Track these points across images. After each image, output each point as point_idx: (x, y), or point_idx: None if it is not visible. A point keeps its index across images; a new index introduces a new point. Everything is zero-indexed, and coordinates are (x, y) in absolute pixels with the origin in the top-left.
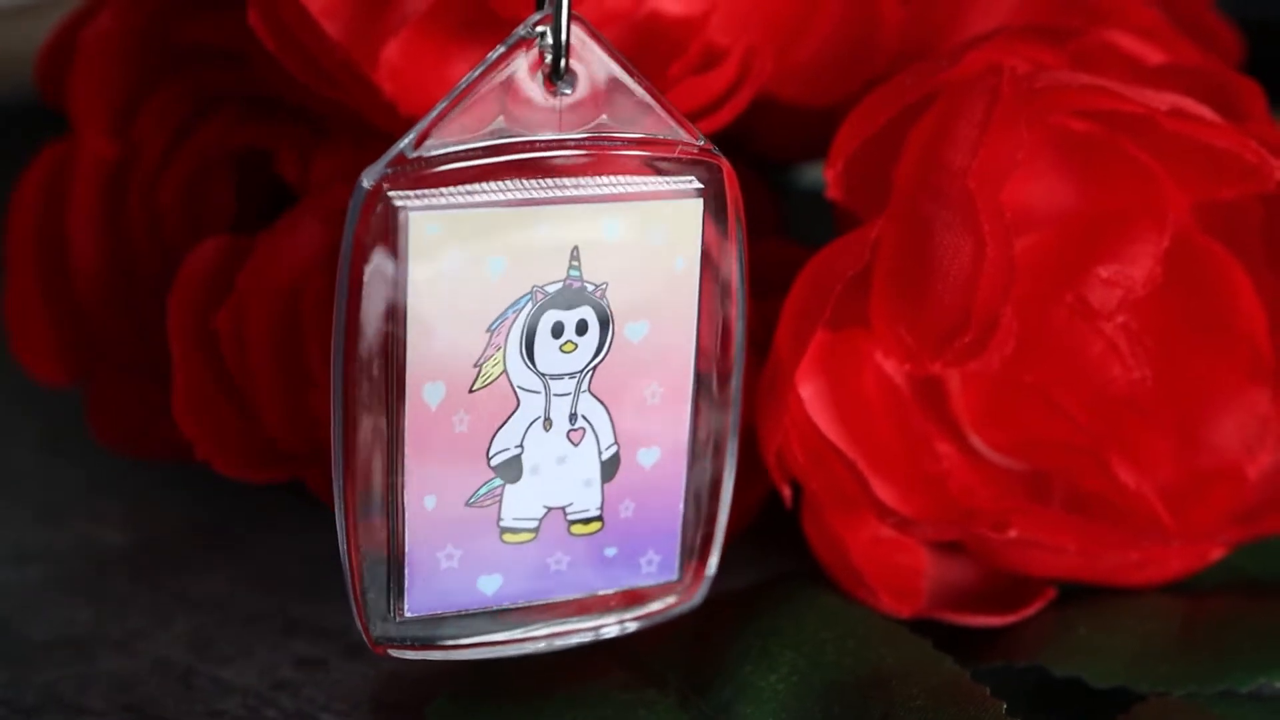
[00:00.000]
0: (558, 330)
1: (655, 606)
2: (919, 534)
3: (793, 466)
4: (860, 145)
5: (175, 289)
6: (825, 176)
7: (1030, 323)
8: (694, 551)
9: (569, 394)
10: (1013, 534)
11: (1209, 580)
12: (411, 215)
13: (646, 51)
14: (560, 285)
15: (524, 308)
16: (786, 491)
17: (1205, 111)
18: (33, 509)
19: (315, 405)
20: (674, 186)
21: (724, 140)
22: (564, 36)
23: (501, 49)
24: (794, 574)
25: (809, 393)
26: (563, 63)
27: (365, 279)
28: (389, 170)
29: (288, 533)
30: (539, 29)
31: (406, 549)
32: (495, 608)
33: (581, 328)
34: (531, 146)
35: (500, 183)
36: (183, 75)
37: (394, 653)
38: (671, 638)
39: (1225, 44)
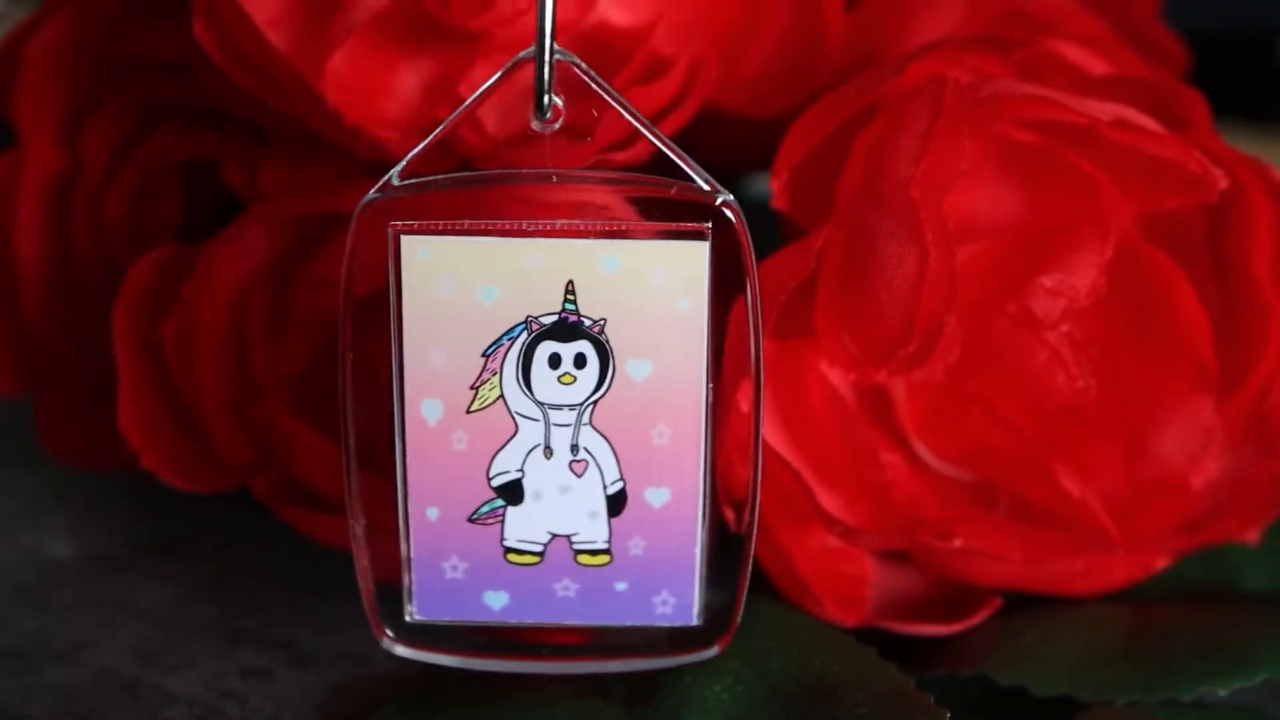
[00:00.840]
0: (555, 361)
1: (679, 660)
2: (864, 543)
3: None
4: (805, 155)
5: (120, 299)
6: (770, 186)
7: (974, 332)
8: (718, 600)
9: (570, 425)
10: (957, 543)
11: (1153, 589)
12: (404, 240)
13: (592, 61)
14: (556, 317)
15: (519, 336)
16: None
17: (1149, 122)
18: None
19: (260, 415)
20: (676, 228)
21: None
22: (546, 72)
23: (496, 77)
24: None
25: None
26: (546, 98)
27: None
28: (380, 195)
29: (234, 543)
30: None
31: (412, 555)
32: (503, 623)
33: (580, 361)
34: (524, 178)
35: (493, 213)
36: (129, 86)
37: (400, 650)
38: None
39: (1171, 54)
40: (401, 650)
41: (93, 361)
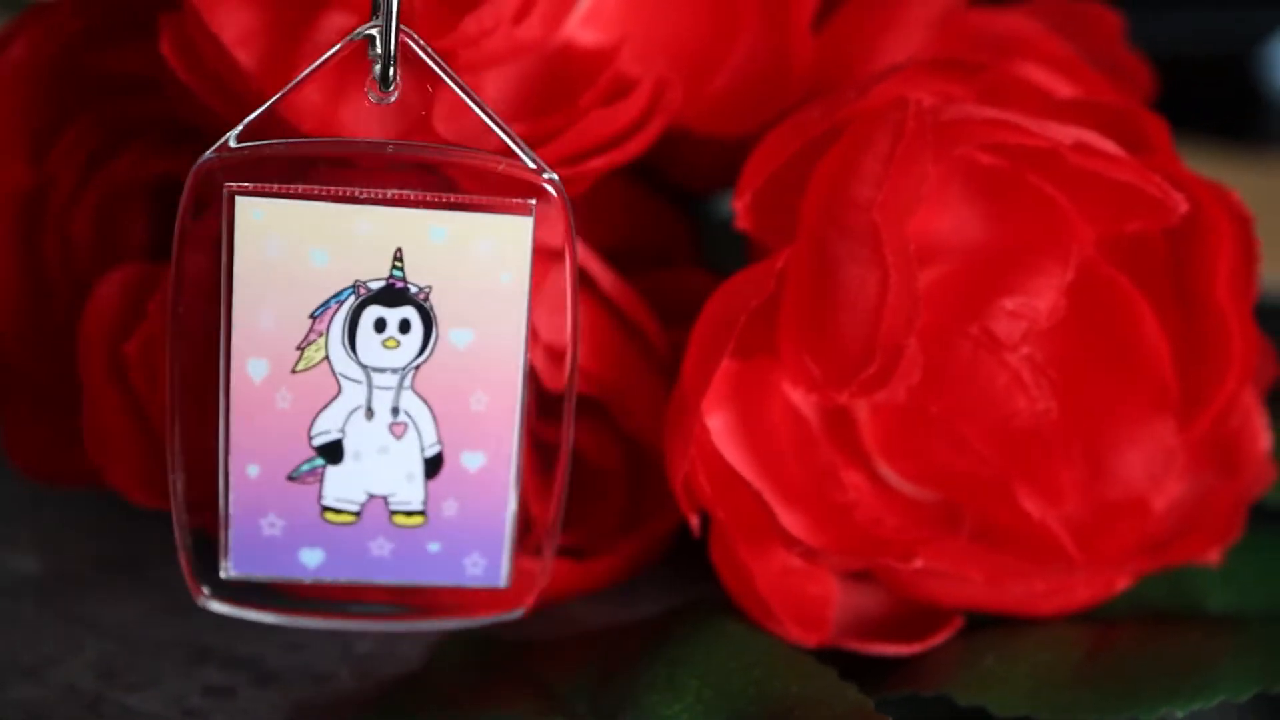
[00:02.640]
0: (380, 325)
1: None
2: (826, 564)
3: (700, 496)
4: (768, 176)
5: (86, 317)
6: (734, 207)
7: (936, 354)
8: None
9: (391, 388)
10: (919, 564)
11: (1115, 609)
12: (238, 200)
13: (557, 82)
14: (383, 283)
15: (346, 300)
16: (695, 521)
17: (1110, 146)
18: None
19: None
20: (502, 202)
21: (640, 169)
22: (391, 46)
23: (338, 46)
24: (703, 602)
25: (716, 423)
26: (391, 70)
27: (193, 258)
28: (217, 155)
29: None
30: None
31: (230, 512)
32: (318, 580)
33: (404, 326)
34: (357, 146)
35: (327, 179)
36: (97, 104)
37: (215, 606)
38: (579, 664)
39: (1138, 78)
40: (216, 606)
41: (59, 378)
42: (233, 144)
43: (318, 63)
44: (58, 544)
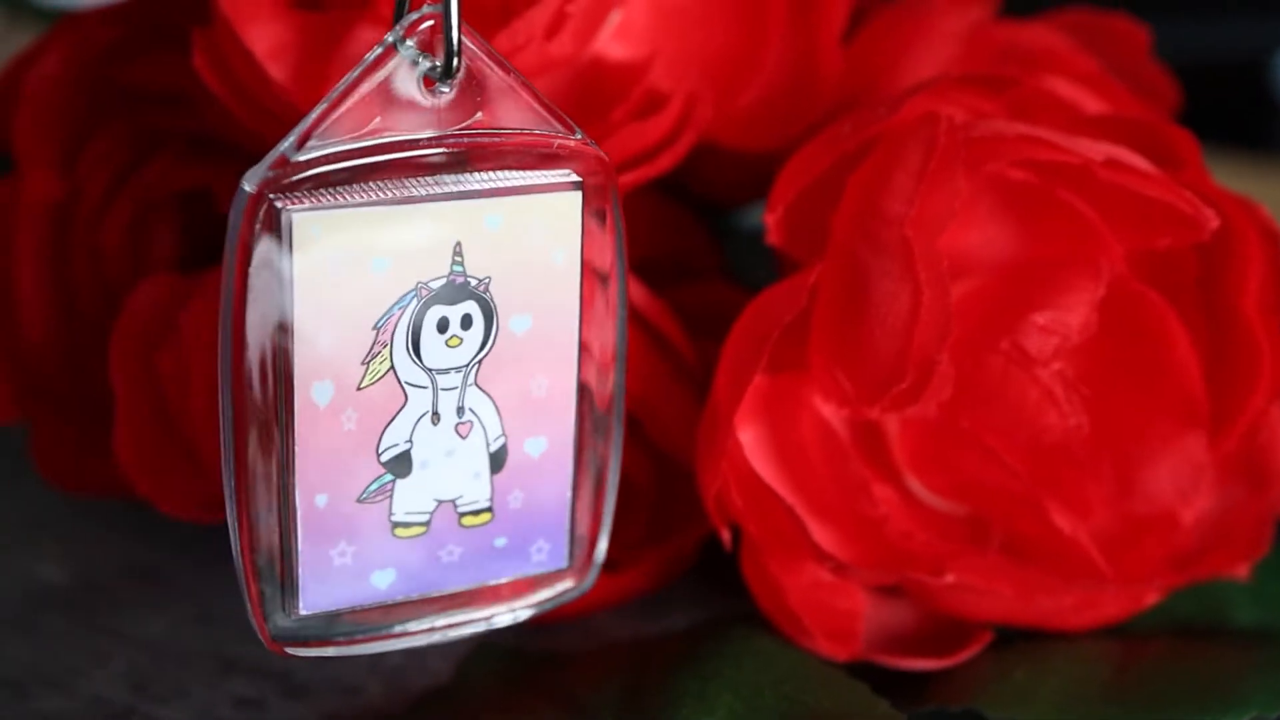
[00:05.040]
0: (443, 325)
1: (546, 594)
2: (857, 578)
3: (732, 510)
4: (799, 192)
5: (118, 328)
6: (765, 222)
7: (967, 369)
8: (584, 540)
9: (456, 388)
10: (950, 579)
11: (1144, 624)
12: (295, 217)
13: (588, 96)
14: (444, 281)
15: (409, 304)
16: (726, 535)
17: (1140, 162)
18: None
19: None
20: (552, 180)
21: (666, 183)
22: (455, 34)
23: (379, 49)
24: (733, 616)
25: (747, 437)
26: (455, 61)
27: (250, 283)
28: (271, 173)
29: (228, 572)
30: (425, 24)
31: (299, 548)
32: (389, 602)
33: (466, 322)
34: (410, 145)
35: (380, 182)
36: (127, 116)
37: (291, 650)
38: (608, 677)
39: (1163, 92)
40: (291, 650)
41: (89, 389)
42: (291, 157)
43: (361, 64)
44: (86, 554)
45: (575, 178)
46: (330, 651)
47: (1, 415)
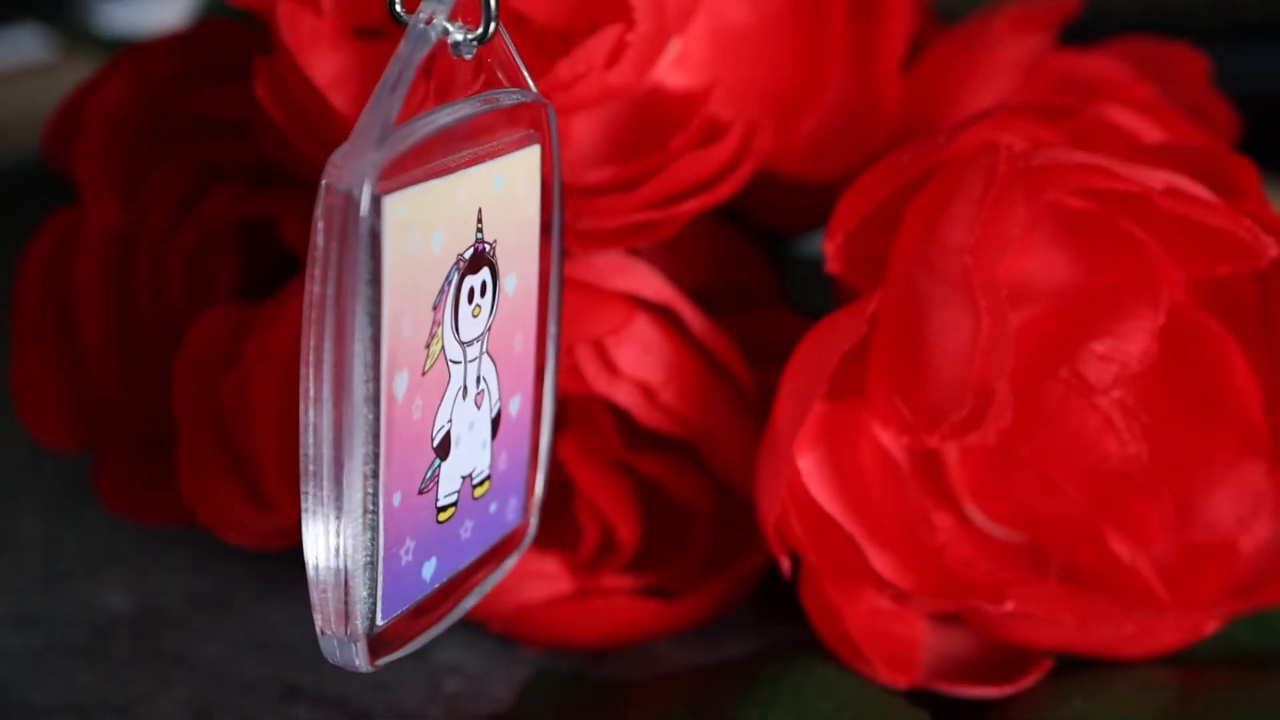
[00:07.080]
0: (470, 295)
1: (516, 553)
2: (916, 606)
3: (791, 538)
4: (859, 221)
5: (180, 357)
6: (824, 250)
7: (1026, 397)
8: (529, 486)
9: (477, 358)
10: (1009, 606)
11: (1204, 653)
12: (385, 200)
13: (648, 125)
14: (472, 249)
15: (453, 279)
16: (785, 563)
17: (1200, 190)
18: (36, 574)
19: None
20: (522, 136)
21: (725, 211)
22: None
23: (419, 22)
24: (793, 644)
25: (807, 465)
26: (491, 25)
27: (344, 281)
28: (354, 164)
29: (290, 599)
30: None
31: (381, 554)
32: (431, 591)
33: (484, 290)
34: (466, 113)
35: (445, 158)
36: (188, 145)
37: (383, 662)
38: (668, 705)
39: (1222, 120)
40: (374, 664)
41: (152, 417)
42: (370, 145)
43: (408, 41)
44: (149, 582)
45: (533, 131)
46: (401, 654)
47: (65, 443)
